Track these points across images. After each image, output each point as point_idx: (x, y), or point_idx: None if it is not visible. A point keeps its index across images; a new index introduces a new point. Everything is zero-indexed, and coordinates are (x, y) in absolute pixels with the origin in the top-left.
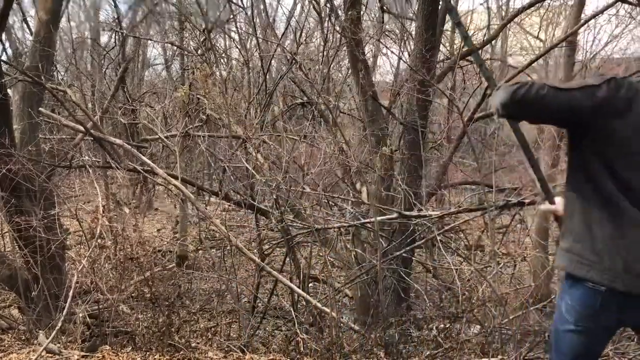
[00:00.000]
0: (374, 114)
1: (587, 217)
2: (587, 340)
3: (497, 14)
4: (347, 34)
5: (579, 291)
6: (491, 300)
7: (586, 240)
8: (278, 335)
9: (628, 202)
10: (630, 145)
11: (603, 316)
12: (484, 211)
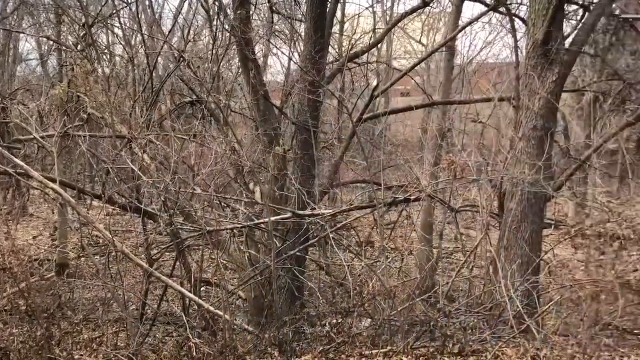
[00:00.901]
0: (266, 113)
1: None
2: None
3: (382, 18)
4: (237, 33)
5: None
6: (381, 294)
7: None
8: (169, 341)
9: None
10: None
11: None
12: (374, 208)
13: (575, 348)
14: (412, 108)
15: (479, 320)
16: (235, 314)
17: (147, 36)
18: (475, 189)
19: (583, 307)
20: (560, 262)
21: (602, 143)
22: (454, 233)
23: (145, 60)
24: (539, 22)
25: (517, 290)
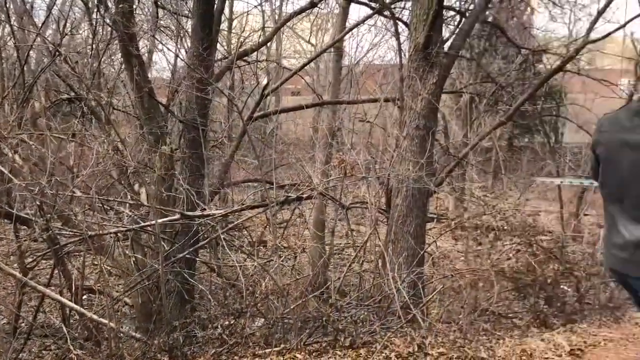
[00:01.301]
0: (151, 111)
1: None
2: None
3: (271, 17)
4: (119, 28)
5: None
6: (274, 293)
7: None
8: (47, 355)
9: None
10: None
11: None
12: (266, 207)
13: (457, 334)
14: (302, 107)
15: (369, 313)
16: (121, 322)
17: (17, 28)
18: (365, 186)
19: (463, 294)
20: (442, 253)
21: (477, 141)
22: (345, 229)
23: (15, 53)
24: (420, 27)
25: (404, 282)
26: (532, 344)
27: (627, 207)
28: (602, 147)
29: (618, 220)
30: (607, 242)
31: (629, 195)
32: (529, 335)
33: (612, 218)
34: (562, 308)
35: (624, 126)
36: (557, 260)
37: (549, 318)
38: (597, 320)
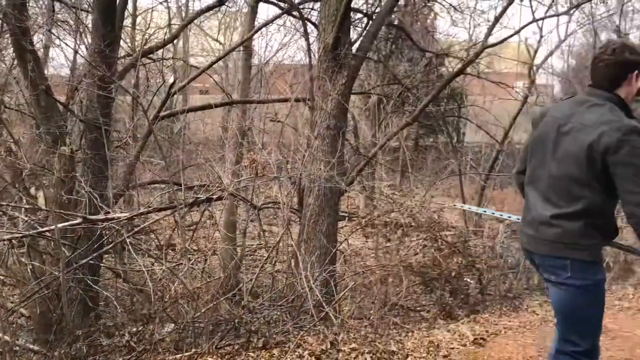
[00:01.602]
0: (49, 110)
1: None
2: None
3: (177, 14)
4: (10, 21)
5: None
6: (184, 297)
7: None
8: None
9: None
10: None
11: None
12: (174, 209)
13: (368, 329)
14: (211, 106)
15: (282, 313)
16: (17, 334)
17: None
18: (276, 186)
19: (374, 290)
20: (354, 251)
21: (386, 141)
22: (257, 230)
23: None
24: (329, 28)
25: (316, 281)
26: (438, 335)
27: (541, 187)
28: (533, 135)
29: (531, 200)
30: (522, 222)
31: (544, 177)
32: (436, 327)
33: (527, 199)
34: (466, 299)
35: (559, 115)
36: (461, 254)
37: (454, 309)
38: (498, 310)
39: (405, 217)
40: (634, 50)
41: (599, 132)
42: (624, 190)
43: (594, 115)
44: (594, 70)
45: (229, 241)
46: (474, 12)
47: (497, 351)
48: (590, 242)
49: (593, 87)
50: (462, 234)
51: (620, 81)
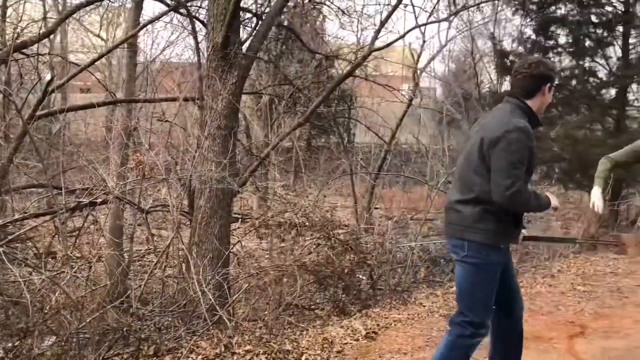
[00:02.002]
0: None
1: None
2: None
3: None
4: None
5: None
6: (66, 307)
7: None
8: None
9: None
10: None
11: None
12: (54, 215)
13: (263, 330)
14: (94, 105)
15: (174, 319)
16: None
17: None
18: (165, 189)
19: (268, 291)
20: (248, 252)
21: (278, 141)
22: (146, 234)
23: None
24: (218, 27)
25: (209, 284)
26: (332, 332)
27: (455, 179)
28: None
29: (450, 189)
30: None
31: (458, 170)
32: (330, 324)
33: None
34: (358, 295)
35: (480, 120)
36: (353, 251)
37: (347, 306)
38: (388, 304)
39: (299, 217)
40: (547, 66)
41: (491, 129)
42: (492, 180)
43: (495, 117)
44: (513, 81)
45: (115, 247)
46: (361, 15)
47: (388, 343)
48: (484, 226)
49: (509, 95)
50: (354, 231)
51: (534, 92)
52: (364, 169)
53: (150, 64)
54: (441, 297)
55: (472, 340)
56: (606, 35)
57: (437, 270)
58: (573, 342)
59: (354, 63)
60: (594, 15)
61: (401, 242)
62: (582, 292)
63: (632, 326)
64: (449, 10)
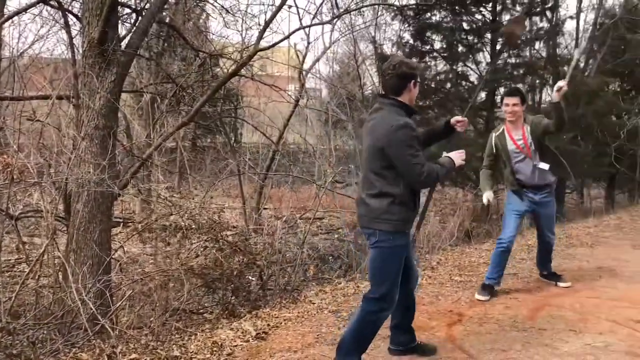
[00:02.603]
0: None
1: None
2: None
3: None
4: None
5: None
6: None
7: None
8: None
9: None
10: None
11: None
12: None
13: (149, 337)
14: None
15: (50, 331)
16: None
17: None
18: (38, 193)
19: (154, 297)
20: (131, 257)
21: (161, 142)
22: (16, 243)
23: None
24: (94, 21)
25: (89, 293)
26: (222, 335)
27: (361, 175)
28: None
29: (359, 186)
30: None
31: (362, 168)
32: (220, 327)
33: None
34: (247, 297)
35: (368, 120)
36: (242, 253)
37: (237, 308)
38: (278, 304)
39: (185, 220)
40: (409, 65)
41: (380, 132)
42: (405, 173)
43: (379, 120)
44: (383, 82)
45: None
46: (245, 15)
47: (279, 342)
48: (390, 216)
49: (382, 96)
50: (243, 232)
51: (402, 89)
52: (252, 169)
53: (17, 58)
54: (330, 293)
55: (379, 314)
56: (476, 42)
57: (326, 267)
58: (452, 329)
59: (239, 62)
60: (465, 22)
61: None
62: (458, 282)
63: (504, 311)
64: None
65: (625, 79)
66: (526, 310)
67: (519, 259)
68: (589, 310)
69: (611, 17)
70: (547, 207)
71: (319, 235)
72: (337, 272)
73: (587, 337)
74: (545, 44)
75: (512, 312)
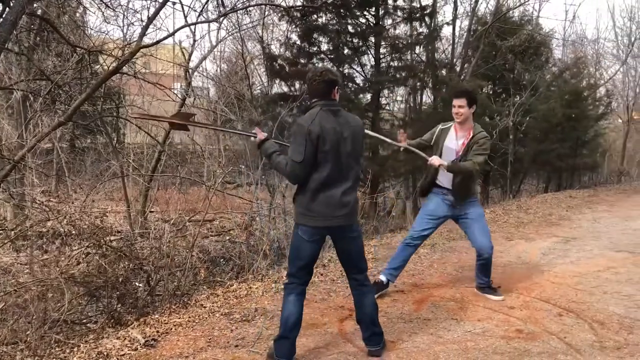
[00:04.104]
0: None
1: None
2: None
3: None
4: None
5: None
6: None
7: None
8: None
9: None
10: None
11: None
12: None
13: (26, 352)
14: None
15: None
16: None
17: None
18: None
19: (30, 309)
20: (2, 268)
21: (35, 143)
22: None
23: None
24: None
25: None
26: (108, 345)
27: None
28: (321, 135)
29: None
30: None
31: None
32: (105, 336)
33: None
34: (135, 303)
35: (332, 121)
36: (127, 258)
37: (123, 315)
38: (168, 309)
39: (64, 226)
40: (334, 73)
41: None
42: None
43: (349, 117)
44: (310, 87)
45: None
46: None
47: (169, 349)
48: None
49: (321, 98)
50: (128, 237)
51: (329, 94)
52: (136, 170)
53: None
54: (222, 296)
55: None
56: (361, 45)
57: (217, 270)
58: (343, 324)
59: (121, 59)
60: (350, 25)
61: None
62: None
63: (391, 304)
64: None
65: (497, 82)
66: (412, 302)
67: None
68: (469, 299)
69: (483, 25)
70: (469, 215)
71: (209, 238)
72: (229, 274)
73: (467, 325)
74: (425, 48)
75: (399, 304)
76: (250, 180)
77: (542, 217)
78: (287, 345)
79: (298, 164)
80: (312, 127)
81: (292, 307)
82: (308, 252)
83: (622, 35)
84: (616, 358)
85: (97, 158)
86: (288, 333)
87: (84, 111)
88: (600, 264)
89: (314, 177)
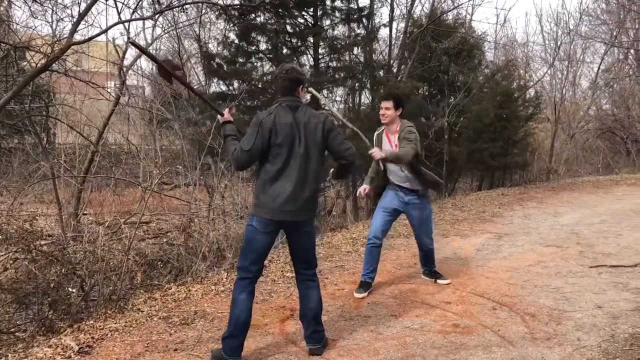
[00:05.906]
0: None
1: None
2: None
3: None
4: None
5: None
6: None
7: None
8: None
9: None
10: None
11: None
12: None
13: None
14: None
15: None
16: None
17: None
18: None
19: None
20: None
21: None
22: None
23: None
24: None
25: None
26: (39, 353)
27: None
28: (273, 129)
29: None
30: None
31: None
32: (35, 345)
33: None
34: (68, 310)
35: (289, 116)
36: (59, 263)
37: (56, 322)
38: (103, 314)
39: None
40: (299, 72)
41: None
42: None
43: (309, 113)
44: (276, 84)
45: None
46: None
47: (105, 355)
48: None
49: (284, 95)
50: (59, 241)
51: (294, 91)
52: (68, 172)
53: None
54: (160, 300)
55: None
56: (300, 45)
57: (155, 273)
58: (284, 325)
59: (50, 56)
60: (289, 25)
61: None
62: (290, 278)
63: (332, 303)
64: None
65: (432, 83)
66: (352, 300)
67: (345, 252)
68: (407, 295)
69: (419, 27)
70: (416, 209)
71: (146, 240)
72: (168, 277)
73: (406, 321)
74: (363, 49)
75: (340, 302)
76: (188, 181)
77: (476, 215)
78: (237, 343)
79: (245, 151)
80: (265, 120)
81: (243, 306)
82: (260, 243)
83: (549, 40)
84: (546, 348)
85: (25, 159)
86: (238, 332)
87: (10, 110)
88: (530, 258)
89: (266, 169)
